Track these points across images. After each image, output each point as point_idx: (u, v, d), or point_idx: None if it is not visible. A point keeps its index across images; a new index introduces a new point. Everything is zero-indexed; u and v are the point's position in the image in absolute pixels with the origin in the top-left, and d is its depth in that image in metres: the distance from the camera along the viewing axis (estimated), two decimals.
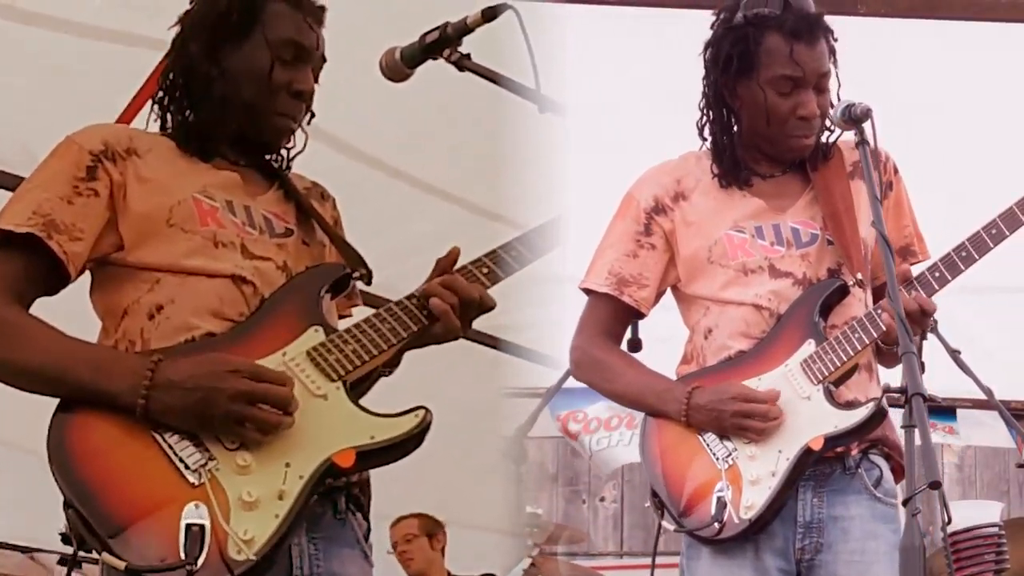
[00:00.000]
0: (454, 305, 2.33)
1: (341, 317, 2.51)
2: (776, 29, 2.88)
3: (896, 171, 3.03)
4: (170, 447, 2.13)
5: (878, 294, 2.93)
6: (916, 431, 2.20)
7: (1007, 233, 2.85)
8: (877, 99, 2.70)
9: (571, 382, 3.20)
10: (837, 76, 2.95)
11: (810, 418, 2.81)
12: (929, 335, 2.80)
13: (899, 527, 2.88)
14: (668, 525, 2.87)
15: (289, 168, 2.54)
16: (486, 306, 2.38)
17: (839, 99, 2.84)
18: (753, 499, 2.78)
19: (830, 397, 2.82)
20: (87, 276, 2.38)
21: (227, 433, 2.14)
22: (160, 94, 2.47)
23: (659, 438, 2.94)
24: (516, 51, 2.29)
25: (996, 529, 4.43)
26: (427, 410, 2.20)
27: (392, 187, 4.97)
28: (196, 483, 2.10)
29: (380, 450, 2.18)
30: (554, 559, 6.24)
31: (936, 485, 2.13)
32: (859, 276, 2.89)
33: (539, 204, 4.53)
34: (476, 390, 6.15)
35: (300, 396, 2.19)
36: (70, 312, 2.34)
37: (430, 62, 2.39)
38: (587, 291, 3.08)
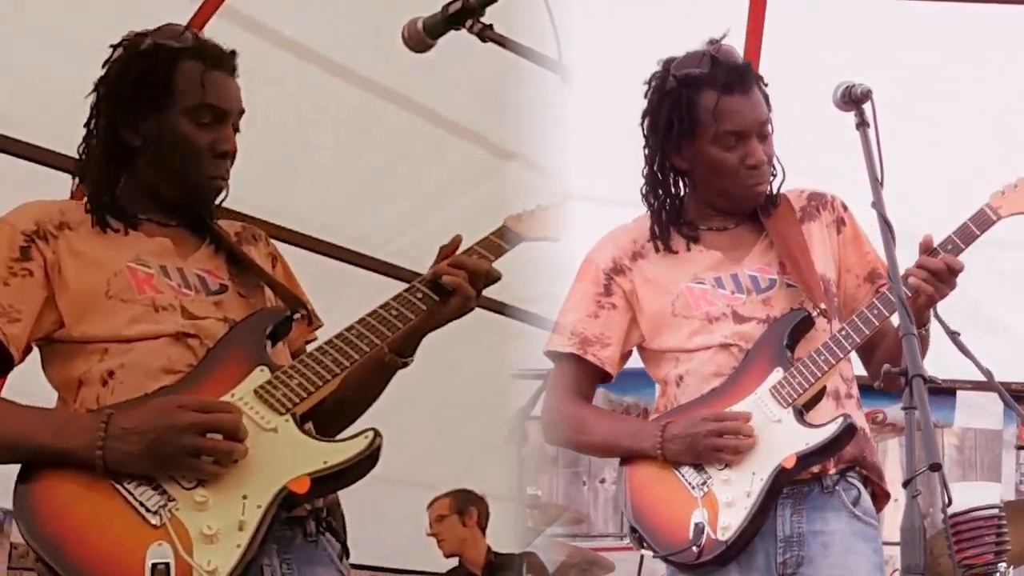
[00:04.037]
0: (465, 279, 2.42)
1: (308, 343, 2.56)
2: (709, 86, 2.90)
3: (845, 208, 3.09)
4: (130, 493, 2.16)
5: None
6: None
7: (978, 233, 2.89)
8: (878, 80, 2.68)
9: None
10: (770, 122, 2.97)
11: (782, 439, 2.82)
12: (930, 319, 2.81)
13: (879, 547, 2.90)
14: (649, 552, 2.88)
15: (215, 216, 2.57)
16: (493, 277, 2.47)
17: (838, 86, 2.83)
18: (729, 520, 2.78)
19: (800, 418, 2.84)
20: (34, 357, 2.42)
21: (183, 469, 2.17)
22: (82, 166, 2.49)
23: (635, 478, 2.94)
24: (525, 16, 2.30)
25: (996, 511, 4.43)
26: (376, 432, 2.23)
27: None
28: (157, 524, 2.13)
29: (334, 474, 2.21)
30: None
31: (936, 467, 2.13)
32: (822, 306, 2.91)
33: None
34: (485, 372, 6.19)
35: (251, 431, 2.22)
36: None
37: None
38: (552, 354, 3.10)
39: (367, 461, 2.22)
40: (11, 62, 4.46)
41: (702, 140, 2.93)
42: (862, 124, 2.64)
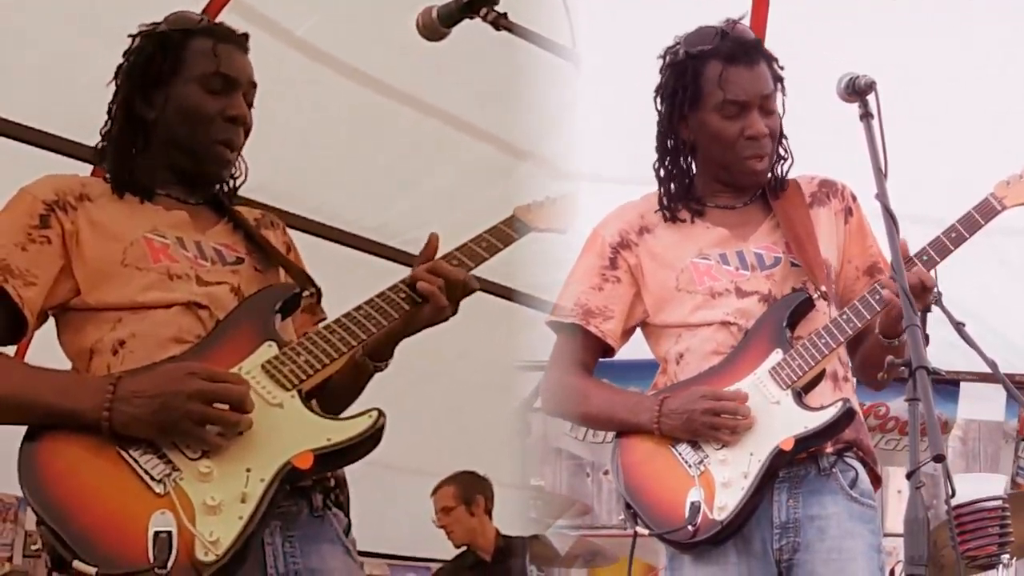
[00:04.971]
0: (440, 287, 2.41)
1: None
2: (714, 57, 2.95)
3: (854, 198, 3.12)
4: (135, 460, 2.19)
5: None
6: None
7: (981, 223, 2.93)
8: (882, 71, 2.70)
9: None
10: (784, 104, 3.01)
11: (780, 421, 2.84)
12: (933, 308, 2.82)
13: (877, 528, 2.92)
14: (643, 530, 2.89)
15: (235, 195, 2.63)
16: (470, 288, 2.46)
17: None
18: (726, 500, 2.80)
19: (799, 400, 2.86)
20: (46, 333, 2.45)
21: (188, 436, 2.20)
22: (103, 143, 2.55)
23: (631, 453, 2.95)
24: (536, 6, 2.31)
25: (1000, 502, 4.44)
26: (380, 411, 2.27)
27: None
28: (161, 492, 2.16)
29: (338, 451, 2.24)
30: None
31: (940, 458, 2.14)
32: (823, 289, 2.94)
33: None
34: (494, 361, 6.22)
35: (257, 406, 2.25)
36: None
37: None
38: (555, 324, 3.11)
39: (370, 440, 2.25)
40: (36, 55, 4.51)
41: (705, 109, 2.97)
42: (866, 115, 2.65)
